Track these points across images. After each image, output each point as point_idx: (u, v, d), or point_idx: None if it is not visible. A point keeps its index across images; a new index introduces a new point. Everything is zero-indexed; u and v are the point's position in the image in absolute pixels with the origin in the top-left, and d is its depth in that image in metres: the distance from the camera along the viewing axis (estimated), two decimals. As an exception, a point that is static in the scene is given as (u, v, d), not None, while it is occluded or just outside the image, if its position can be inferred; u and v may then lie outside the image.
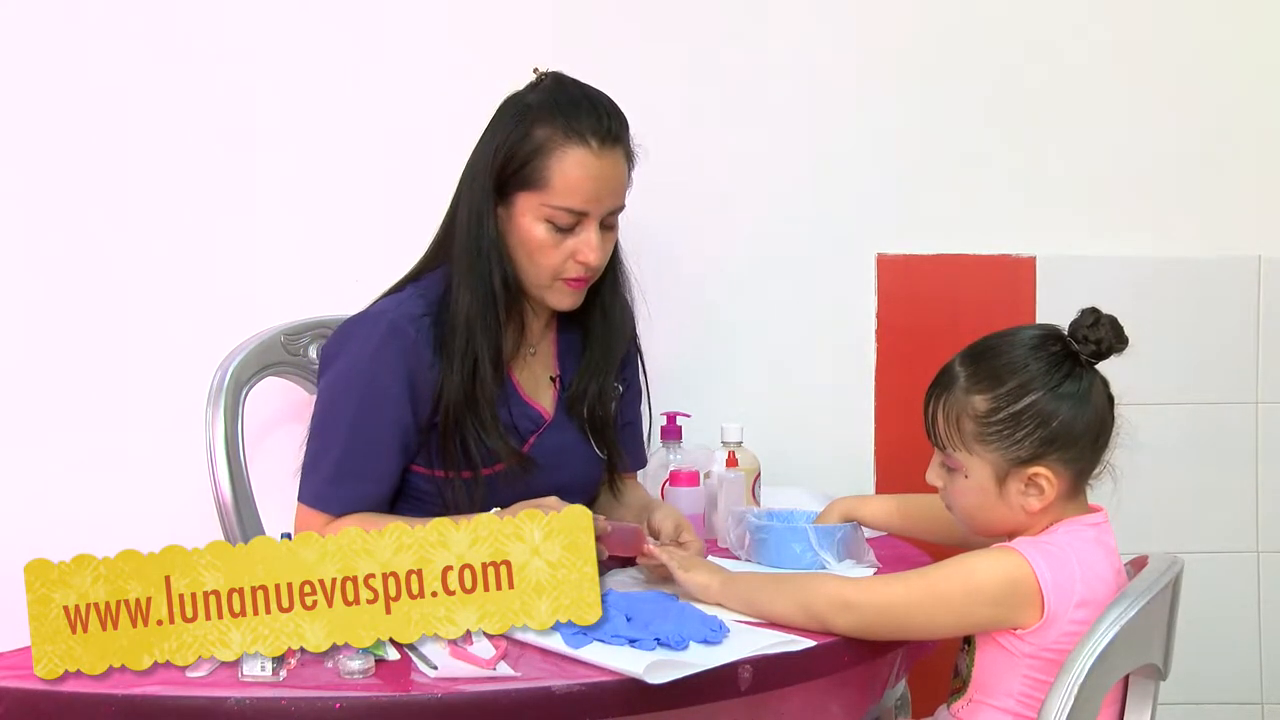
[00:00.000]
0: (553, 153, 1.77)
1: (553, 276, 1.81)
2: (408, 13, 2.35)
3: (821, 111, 2.46)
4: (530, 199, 1.78)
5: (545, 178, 1.77)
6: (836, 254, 2.47)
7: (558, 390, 1.92)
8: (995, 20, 2.48)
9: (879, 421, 2.47)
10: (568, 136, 1.76)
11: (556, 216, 1.78)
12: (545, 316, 1.93)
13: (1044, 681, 1.51)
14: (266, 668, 1.34)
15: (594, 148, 1.77)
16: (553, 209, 1.77)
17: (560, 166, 1.77)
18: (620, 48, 2.40)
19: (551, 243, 1.79)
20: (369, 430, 1.78)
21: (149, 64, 2.31)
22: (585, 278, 1.83)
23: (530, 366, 1.92)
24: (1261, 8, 2.52)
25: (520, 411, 1.87)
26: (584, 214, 1.78)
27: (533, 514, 1.36)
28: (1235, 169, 2.53)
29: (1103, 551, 1.59)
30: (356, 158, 2.34)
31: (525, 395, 1.89)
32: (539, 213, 1.78)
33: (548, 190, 1.77)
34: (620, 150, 1.82)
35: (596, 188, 1.78)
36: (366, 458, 1.78)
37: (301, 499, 1.81)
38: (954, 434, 1.61)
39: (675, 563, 1.67)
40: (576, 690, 1.34)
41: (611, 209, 1.82)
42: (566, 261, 1.80)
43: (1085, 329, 1.59)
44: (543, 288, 1.83)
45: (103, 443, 2.30)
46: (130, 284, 2.31)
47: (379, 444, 1.78)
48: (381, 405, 1.78)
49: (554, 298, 1.84)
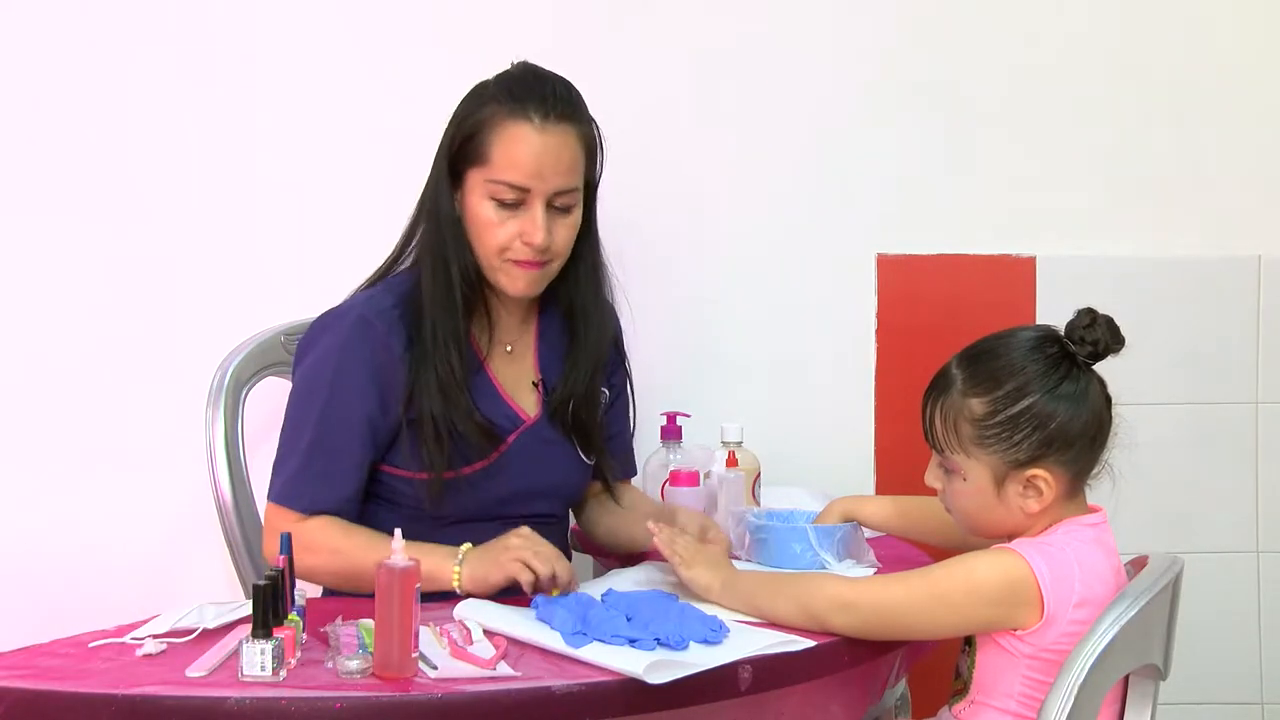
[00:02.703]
0: (495, 127, 1.77)
1: (500, 256, 1.79)
2: (408, 14, 2.36)
3: (822, 112, 2.46)
4: (476, 175, 1.78)
5: (488, 152, 1.77)
6: (836, 254, 2.47)
7: (542, 395, 1.91)
8: (996, 20, 2.48)
9: (879, 421, 2.47)
10: (511, 112, 1.76)
11: (499, 192, 1.77)
12: (519, 312, 1.92)
13: (1044, 682, 1.51)
14: (266, 668, 1.34)
15: (535, 123, 1.76)
16: (495, 184, 1.77)
17: (501, 140, 1.76)
18: (621, 48, 2.41)
19: (497, 220, 1.78)
20: (337, 424, 1.78)
21: (150, 65, 2.31)
22: (534, 260, 1.80)
23: (509, 366, 1.90)
24: (1261, 8, 2.52)
25: (499, 410, 1.86)
26: (526, 190, 1.76)
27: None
28: (1235, 169, 2.53)
29: (1102, 551, 1.59)
30: (357, 158, 2.34)
31: (504, 394, 1.88)
32: (484, 189, 1.78)
33: (490, 165, 1.77)
34: (569, 130, 1.79)
35: (538, 163, 1.76)
36: (334, 452, 1.78)
37: (270, 497, 1.80)
38: (952, 437, 1.61)
39: (678, 559, 1.67)
40: (576, 690, 1.34)
41: (559, 188, 1.78)
42: (514, 241, 1.78)
43: (1082, 330, 1.59)
44: (494, 269, 1.81)
45: (103, 443, 2.30)
46: (130, 284, 2.31)
47: (347, 437, 1.78)
48: (349, 399, 1.78)
49: (505, 280, 1.81)
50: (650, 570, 1.83)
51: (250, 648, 1.34)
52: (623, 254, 2.38)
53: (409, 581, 1.37)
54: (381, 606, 1.37)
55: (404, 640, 1.35)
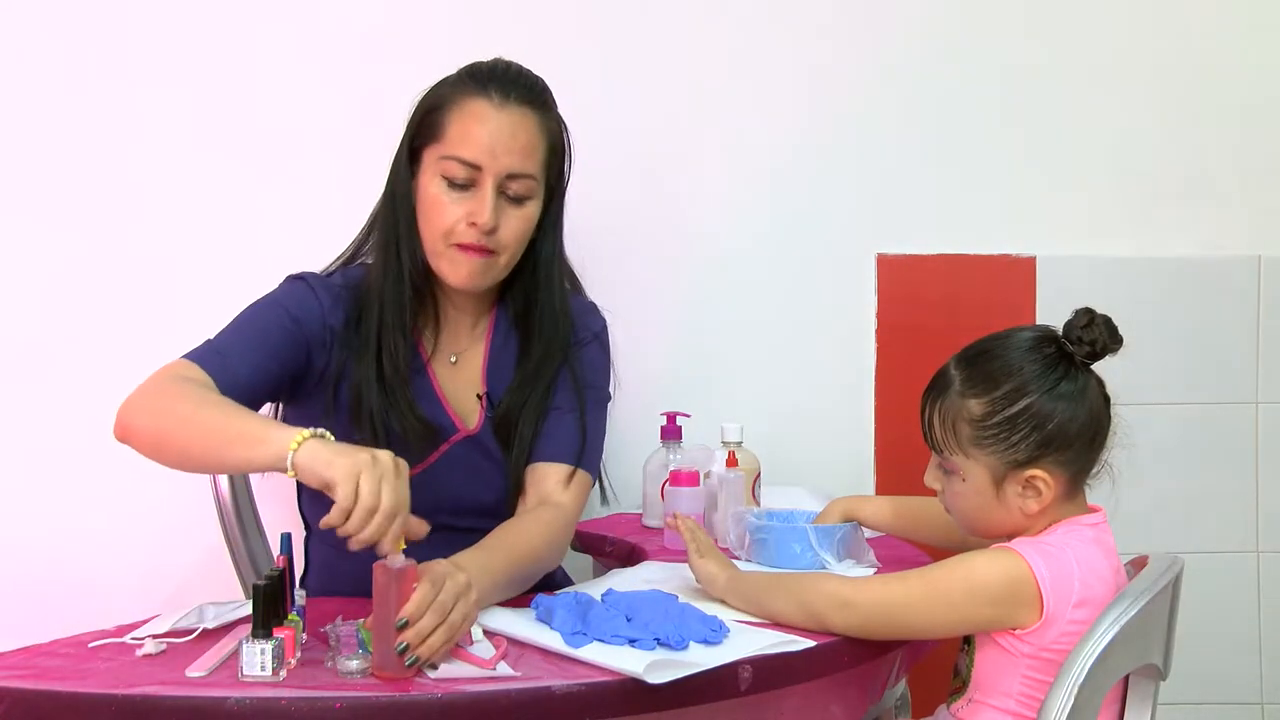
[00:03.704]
0: (453, 104, 1.74)
1: (445, 240, 1.74)
2: (409, 16, 2.36)
3: (822, 112, 2.46)
4: (431, 153, 1.75)
5: (443, 128, 1.74)
6: (836, 254, 2.47)
7: (485, 408, 1.83)
8: (996, 20, 2.48)
9: (879, 421, 2.47)
10: (468, 89, 1.74)
11: (450, 169, 1.72)
12: (470, 316, 1.86)
13: (1044, 681, 1.51)
14: (266, 668, 1.34)
15: (494, 100, 1.73)
16: (447, 160, 1.72)
17: (457, 115, 1.74)
18: (620, 47, 2.41)
19: (447, 200, 1.73)
20: (252, 323, 1.73)
21: (150, 65, 2.31)
22: (479, 246, 1.73)
23: (453, 375, 1.84)
24: (1262, 9, 2.52)
25: (437, 415, 1.79)
26: (477, 168, 1.72)
27: None
28: (1235, 169, 2.53)
29: (1101, 551, 1.59)
30: (357, 159, 2.33)
31: (445, 400, 1.81)
32: (436, 167, 1.74)
33: (444, 140, 1.74)
34: (529, 114, 1.75)
35: (491, 140, 1.72)
36: (242, 341, 1.70)
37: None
38: (950, 438, 1.61)
39: (693, 546, 1.69)
40: (576, 690, 1.34)
41: (512, 170, 1.73)
42: (459, 224, 1.73)
43: (1079, 330, 1.59)
44: (438, 255, 1.75)
45: (103, 443, 2.29)
46: (131, 284, 2.32)
47: (258, 332, 1.71)
48: (269, 310, 1.74)
49: (447, 267, 1.75)
50: (650, 570, 1.84)
51: (250, 648, 1.34)
52: (623, 254, 2.40)
53: (406, 582, 1.37)
54: (379, 607, 1.37)
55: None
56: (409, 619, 1.36)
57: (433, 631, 1.37)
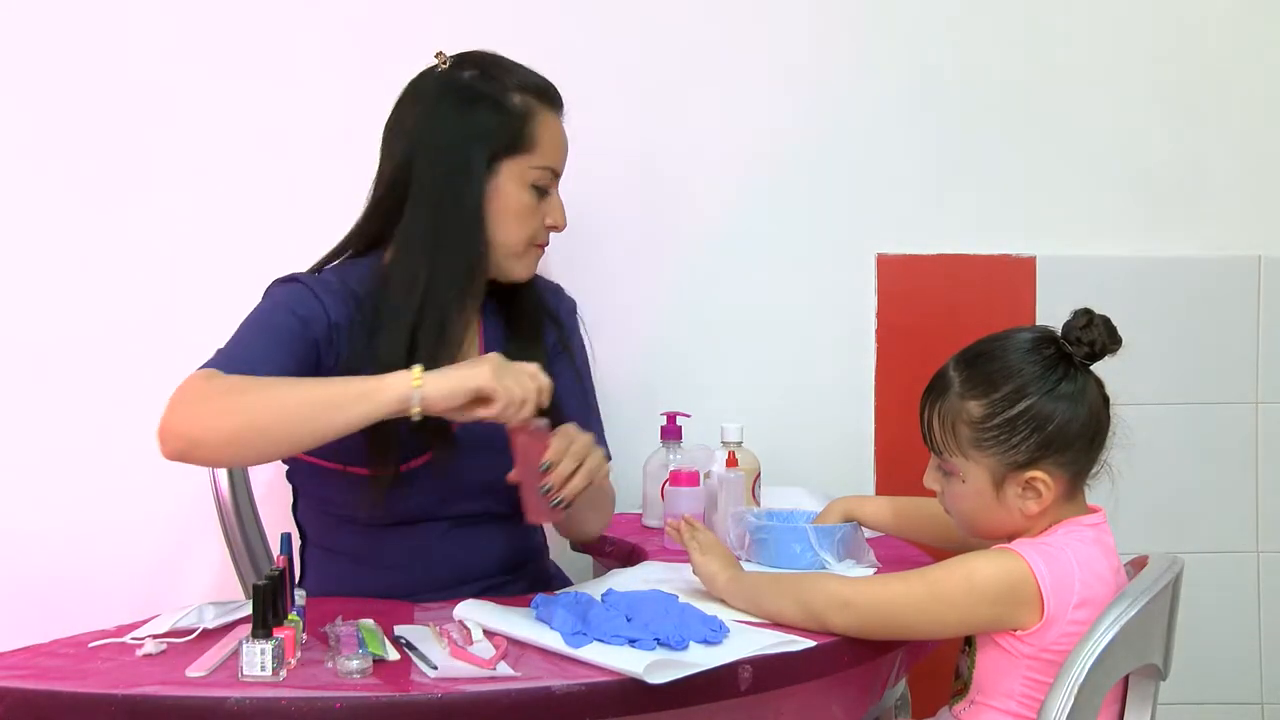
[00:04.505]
0: (535, 117, 1.81)
1: (529, 242, 1.84)
2: (410, 18, 2.36)
3: (822, 112, 2.46)
4: (517, 164, 1.80)
5: (533, 140, 1.81)
6: (836, 254, 2.47)
7: None
8: (996, 20, 2.48)
9: (879, 421, 2.47)
10: (540, 101, 1.82)
11: (541, 178, 1.82)
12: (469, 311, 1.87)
13: (1044, 682, 1.51)
14: (266, 668, 1.34)
15: (558, 112, 1.86)
16: (539, 170, 1.81)
17: (543, 128, 1.82)
18: (619, 47, 2.40)
19: (533, 207, 1.82)
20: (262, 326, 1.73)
21: (150, 65, 2.31)
22: (546, 243, 1.88)
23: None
24: (1262, 9, 2.52)
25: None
26: (558, 175, 1.85)
27: None
28: (1235, 169, 2.53)
29: (1102, 551, 1.59)
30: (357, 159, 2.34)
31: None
32: (526, 176, 1.81)
33: (536, 152, 1.81)
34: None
35: (565, 150, 1.86)
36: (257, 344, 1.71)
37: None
38: (950, 439, 1.61)
39: (696, 545, 1.69)
40: (576, 690, 1.34)
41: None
42: (540, 226, 1.84)
43: (1078, 330, 1.59)
44: (514, 257, 1.83)
45: (103, 443, 2.30)
46: (131, 284, 2.32)
47: (270, 334, 1.72)
48: (275, 313, 1.75)
49: (520, 266, 1.85)
50: (650, 570, 1.84)
51: (250, 648, 1.34)
52: (623, 253, 2.40)
53: (544, 439, 1.60)
54: (522, 464, 1.61)
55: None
56: (551, 462, 1.59)
57: (573, 474, 1.60)
